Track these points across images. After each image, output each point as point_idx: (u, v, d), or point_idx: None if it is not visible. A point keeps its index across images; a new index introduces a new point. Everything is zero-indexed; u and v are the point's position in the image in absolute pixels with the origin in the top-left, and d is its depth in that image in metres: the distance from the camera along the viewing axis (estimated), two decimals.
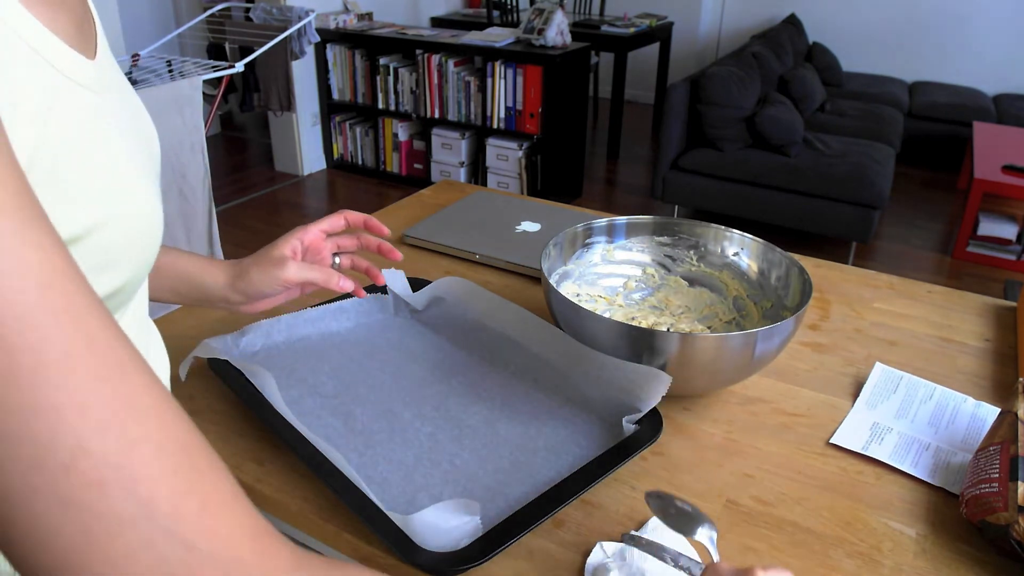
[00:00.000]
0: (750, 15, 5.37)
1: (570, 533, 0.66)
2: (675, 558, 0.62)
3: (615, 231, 1.00)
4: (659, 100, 5.08)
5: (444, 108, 3.86)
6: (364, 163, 4.28)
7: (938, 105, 4.39)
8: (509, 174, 3.79)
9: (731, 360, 0.75)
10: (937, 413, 0.82)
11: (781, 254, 0.91)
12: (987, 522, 0.63)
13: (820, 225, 3.27)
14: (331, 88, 4.16)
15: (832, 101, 4.33)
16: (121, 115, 0.45)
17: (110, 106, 0.43)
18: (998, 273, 3.24)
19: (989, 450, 0.67)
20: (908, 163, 4.50)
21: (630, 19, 4.70)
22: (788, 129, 3.29)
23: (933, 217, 3.80)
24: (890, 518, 0.69)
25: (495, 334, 0.88)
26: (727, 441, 0.78)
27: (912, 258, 3.37)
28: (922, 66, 4.94)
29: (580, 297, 0.98)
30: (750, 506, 0.69)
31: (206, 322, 0.96)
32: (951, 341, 0.98)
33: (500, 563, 0.62)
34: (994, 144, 3.63)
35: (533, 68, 3.53)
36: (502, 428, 0.76)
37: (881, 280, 1.13)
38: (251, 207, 3.83)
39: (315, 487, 0.70)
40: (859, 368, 0.91)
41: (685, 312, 0.97)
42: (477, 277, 1.09)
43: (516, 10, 4.71)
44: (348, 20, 4.07)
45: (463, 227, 1.21)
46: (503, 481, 0.69)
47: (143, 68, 2.47)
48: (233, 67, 2.46)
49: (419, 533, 0.61)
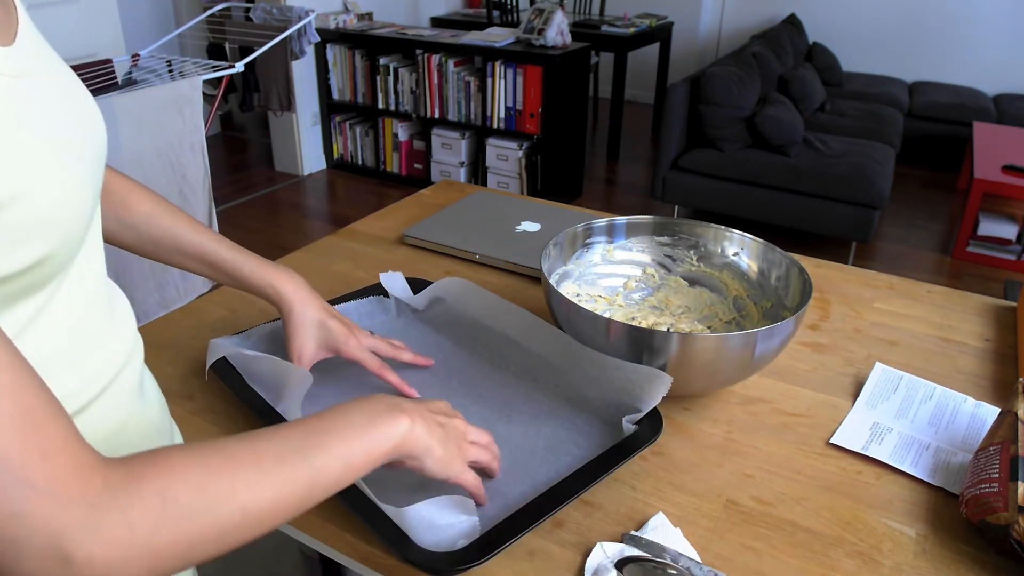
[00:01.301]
0: (750, 15, 5.37)
1: (570, 533, 0.66)
2: (675, 558, 0.62)
3: (615, 231, 1.00)
4: (659, 100, 5.08)
5: (444, 108, 3.86)
6: (364, 163, 4.28)
7: (938, 105, 4.39)
8: (509, 174, 3.79)
9: (731, 360, 0.75)
10: (937, 413, 0.82)
11: (781, 254, 0.91)
12: (987, 522, 0.63)
13: (820, 225, 3.27)
14: (331, 88, 4.16)
15: (832, 101, 4.33)
16: (48, 98, 0.47)
17: (27, 90, 0.45)
18: (998, 273, 3.24)
19: (989, 450, 0.67)
20: (908, 163, 4.50)
21: (630, 19, 4.70)
22: (788, 129, 3.29)
23: (933, 217, 3.80)
24: (890, 518, 0.68)
25: (495, 334, 0.88)
26: (727, 441, 0.78)
27: (912, 258, 3.37)
28: (922, 66, 4.94)
29: (580, 297, 0.98)
30: (750, 506, 0.69)
31: (206, 322, 0.96)
32: (951, 341, 0.98)
33: (500, 563, 0.62)
34: (994, 144, 3.63)
35: (533, 68, 3.53)
36: (502, 428, 0.76)
37: (881, 280, 1.13)
38: (251, 207, 3.83)
39: None
40: (859, 368, 0.91)
41: (685, 312, 0.97)
42: (477, 277, 1.09)
43: (516, 10, 4.71)
44: (348, 20, 4.07)
45: (463, 227, 1.21)
46: (502, 481, 0.69)
47: (143, 68, 2.47)
48: (233, 67, 2.46)
49: (414, 528, 0.61)
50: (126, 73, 2.44)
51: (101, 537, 0.37)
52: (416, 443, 0.56)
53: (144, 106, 2.06)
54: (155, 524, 0.39)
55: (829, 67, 4.69)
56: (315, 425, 0.50)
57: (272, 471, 0.45)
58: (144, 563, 0.39)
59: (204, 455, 0.43)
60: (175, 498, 0.40)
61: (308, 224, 3.69)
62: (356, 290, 0.99)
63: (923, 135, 4.43)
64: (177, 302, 2.25)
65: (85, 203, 0.48)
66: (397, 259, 1.16)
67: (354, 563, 0.66)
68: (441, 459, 0.59)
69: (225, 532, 0.42)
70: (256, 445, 0.46)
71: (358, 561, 0.65)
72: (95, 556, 0.37)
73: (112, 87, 2.24)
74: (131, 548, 0.38)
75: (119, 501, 0.38)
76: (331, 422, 0.51)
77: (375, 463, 0.53)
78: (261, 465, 0.45)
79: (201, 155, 2.24)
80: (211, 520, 0.41)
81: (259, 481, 0.44)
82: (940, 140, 4.41)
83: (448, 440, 0.61)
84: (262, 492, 0.44)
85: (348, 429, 0.51)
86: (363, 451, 0.51)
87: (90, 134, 0.52)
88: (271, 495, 0.44)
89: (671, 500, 0.70)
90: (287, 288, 0.78)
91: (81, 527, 0.36)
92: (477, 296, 0.91)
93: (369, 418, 0.53)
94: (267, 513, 0.44)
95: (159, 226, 0.74)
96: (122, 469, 0.39)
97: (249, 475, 0.44)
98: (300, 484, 0.46)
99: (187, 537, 0.40)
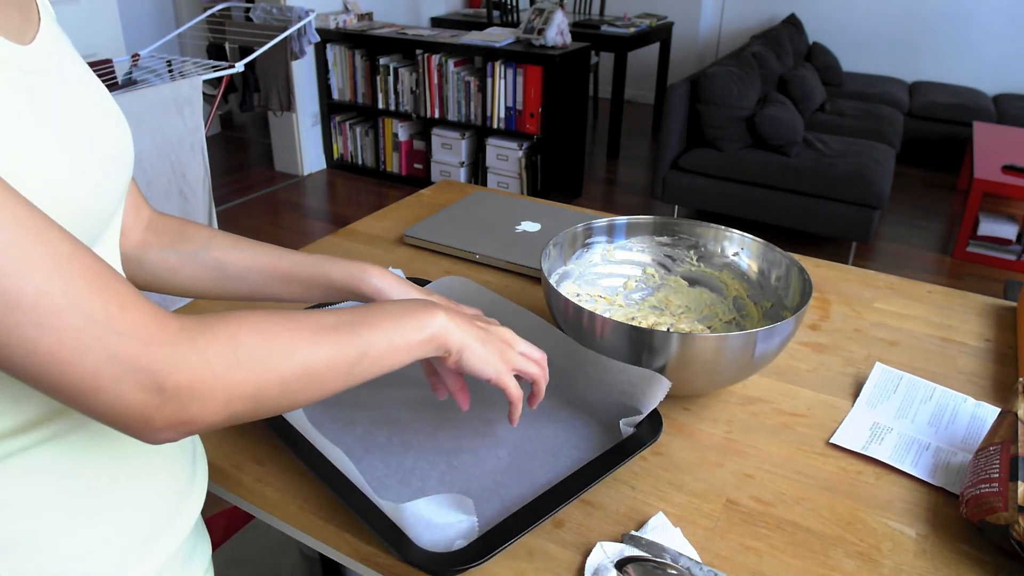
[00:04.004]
0: (750, 15, 5.37)
1: (570, 533, 0.66)
2: (675, 558, 0.62)
3: (615, 231, 1.00)
4: (659, 100, 5.08)
5: (444, 108, 3.86)
6: (364, 163, 4.28)
7: (938, 105, 4.39)
8: (509, 174, 3.79)
9: (731, 360, 0.75)
10: (937, 413, 0.82)
11: (781, 254, 0.91)
12: (987, 522, 0.63)
13: (820, 225, 3.27)
14: (331, 88, 4.16)
15: (832, 101, 4.33)
16: (61, 97, 0.49)
17: (40, 87, 0.47)
18: (998, 273, 3.24)
19: (989, 450, 0.67)
20: (908, 163, 4.51)
21: (630, 19, 4.70)
22: (788, 129, 3.29)
23: (933, 217, 3.80)
24: (890, 518, 0.69)
25: None
26: (727, 441, 0.78)
27: (912, 258, 3.37)
28: (922, 66, 4.94)
29: (580, 297, 0.98)
30: (750, 506, 0.70)
31: None
32: (951, 341, 0.98)
33: (500, 563, 0.62)
34: (994, 144, 3.63)
35: (533, 68, 3.53)
36: (500, 430, 0.76)
37: (881, 280, 1.13)
38: (251, 207, 3.83)
39: (315, 487, 0.70)
40: (859, 368, 0.91)
41: (685, 312, 0.97)
42: (477, 277, 1.09)
43: (516, 10, 4.71)
44: (348, 20, 4.07)
45: (463, 227, 1.21)
46: (500, 482, 0.69)
47: (143, 68, 2.47)
48: (233, 67, 2.46)
49: (412, 526, 0.61)
50: (126, 73, 2.45)
51: (185, 370, 0.43)
52: (451, 335, 0.59)
53: (144, 106, 2.06)
54: (228, 363, 0.45)
55: (829, 67, 4.69)
56: (363, 311, 0.56)
57: (328, 337, 0.51)
58: (221, 395, 0.45)
59: (268, 316, 0.49)
60: (245, 343, 0.46)
61: (308, 224, 3.69)
62: None
63: (923, 135, 4.42)
64: (177, 302, 2.25)
65: (86, 199, 0.49)
66: (397, 259, 1.16)
67: (354, 563, 0.66)
68: (480, 355, 0.61)
69: (286, 382, 0.48)
70: (314, 316, 0.52)
71: (358, 561, 0.65)
72: (182, 384, 0.43)
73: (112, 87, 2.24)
74: (211, 380, 0.44)
75: (196, 342, 0.44)
76: (376, 310, 0.57)
77: (415, 350, 0.57)
78: (319, 331, 0.51)
79: (201, 155, 2.24)
80: (275, 367, 0.47)
81: (316, 343, 0.50)
82: (940, 140, 4.41)
83: (488, 341, 0.62)
84: (319, 353, 0.50)
85: (390, 316, 0.57)
86: (404, 335, 0.56)
87: (107, 139, 0.53)
88: (326, 357, 0.50)
89: (671, 500, 0.70)
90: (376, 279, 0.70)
91: (168, 362, 0.42)
92: (477, 295, 0.91)
93: (408, 310, 0.58)
94: (322, 373, 0.50)
95: (221, 246, 0.71)
96: (194, 319, 0.45)
97: (308, 337, 0.50)
98: (351, 352, 0.52)
99: (255, 379, 0.46)
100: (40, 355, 0.39)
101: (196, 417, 0.44)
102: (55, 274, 0.39)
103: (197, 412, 0.44)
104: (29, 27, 0.49)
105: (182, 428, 0.44)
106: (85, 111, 0.52)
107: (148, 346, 0.42)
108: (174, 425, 0.43)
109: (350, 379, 0.53)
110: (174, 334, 0.43)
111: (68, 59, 0.53)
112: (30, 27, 0.49)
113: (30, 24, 0.50)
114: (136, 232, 0.69)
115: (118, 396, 0.41)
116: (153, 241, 0.70)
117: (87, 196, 0.49)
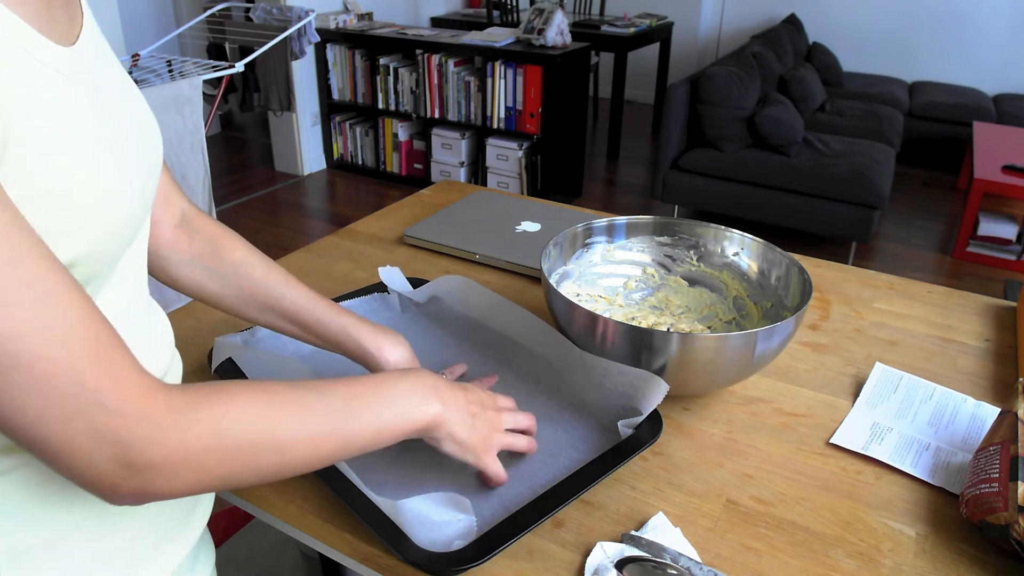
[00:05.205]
0: (750, 15, 5.37)
1: (570, 533, 0.66)
2: (675, 558, 0.62)
3: (615, 231, 1.00)
4: (659, 100, 5.08)
5: (444, 108, 3.86)
6: (364, 163, 4.28)
7: (938, 105, 4.39)
8: (509, 174, 3.79)
9: (731, 360, 0.75)
10: (937, 413, 0.82)
11: (781, 254, 0.91)
12: (987, 522, 0.63)
13: (820, 225, 3.27)
14: (331, 88, 4.16)
15: (832, 101, 4.33)
16: (100, 100, 0.48)
17: (81, 88, 0.46)
18: (998, 273, 3.24)
19: (989, 450, 0.67)
20: (908, 163, 4.50)
21: (630, 19, 4.70)
22: (788, 129, 3.29)
23: (933, 217, 3.80)
24: (890, 518, 0.69)
25: (497, 334, 0.88)
26: (727, 441, 0.78)
27: (912, 258, 3.37)
28: (922, 66, 4.94)
29: (580, 297, 0.98)
30: (750, 506, 0.70)
31: (206, 322, 0.96)
32: (951, 341, 0.98)
33: (500, 563, 0.62)
34: (994, 144, 3.63)
35: (533, 68, 3.53)
36: None
37: (881, 280, 1.13)
38: (251, 207, 3.83)
39: (315, 487, 0.70)
40: (859, 368, 0.91)
41: (685, 312, 0.97)
42: (477, 277, 1.09)
43: (516, 10, 4.71)
44: (348, 20, 4.07)
45: (463, 227, 1.21)
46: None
47: (143, 68, 2.48)
48: (233, 67, 2.46)
49: (409, 523, 0.61)
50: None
51: (160, 449, 0.43)
52: (441, 427, 0.60)
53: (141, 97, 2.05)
54: (206, 448, 0.45)
55: (829, 67, 4.69)
56: (359, 390, 0.56)
57: (316, 426, 0.51)
58: (190, 477, 0.45)
59: (260, 402, 0.49)
60: (229, 431, 0.46)
61: (308, 224, 3.69)
62: (356, 290, 0.99)
63: (923, 135, 4.42)
64: (177, 303, 2.25)
65: (130, 206, 0.49)
66: (397, 259, 1.16)
67: (354, 563, 0.66)
68: (461, 443, 0.62)
69: (261, 469, 0.48)
70: (305, 398, 0.52)
71: (358, 561, 0.65)
72: (155, 462, 0.43)
73: None
74: (185, 459, 0.44)
75: (179, 424, 0.44)
76: (375, 390, 0.57)
77: (401, 436, 0.58)
78: (307, 419, 0.51)
79: (201, 155, 2.24)
80: (254, 458, 0.48)
81: (301, 431, 0.50)
82: (940, 140, 4.41)
83: (475, 428, 0.63)
84: (302, 447, 0.50)
85: (386, 400, 0.57)
86: (394, 424, 0.57)
87: (143, 141, 0.53)
88: (308, 449, 0.51)
89: (671, 500, 0.70)
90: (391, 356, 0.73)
91: (147, 439, 0.42)
92: (477, 295, 0.91)
93: (408, 395, 0.58)
94: (300, 461, 0.51)
95: (249, 277, 0.71)
96: (184, 395, 0.45)
97: (294, 424, 0.50)
98: (335, 442, 0.53)
99: (229, 465, 0.46)
100: (26, 416, 0.39)
101: (161, 491, 0.44)
102: (58, 341, 0.39)
103: (163, 487, 0.44)
104: (74, 26, 0.48)
105: (145, 498, 0.44)
106: (125, 115, 0.51)
107: (130, 422, 0.41)
108: (137, 495, 0.44)
109: (327, 463, 0.53)
110: (160, 412, 0.43)
111: (108, 62, 0.52)
112: (75, 26, 0.49)
113: (75, 23, 0.49)
114: (166, 227, 0.68)
115: (90, 464, 0.41)
116: (185, 247, 0.69)
117: (131, 202, 0.49)
